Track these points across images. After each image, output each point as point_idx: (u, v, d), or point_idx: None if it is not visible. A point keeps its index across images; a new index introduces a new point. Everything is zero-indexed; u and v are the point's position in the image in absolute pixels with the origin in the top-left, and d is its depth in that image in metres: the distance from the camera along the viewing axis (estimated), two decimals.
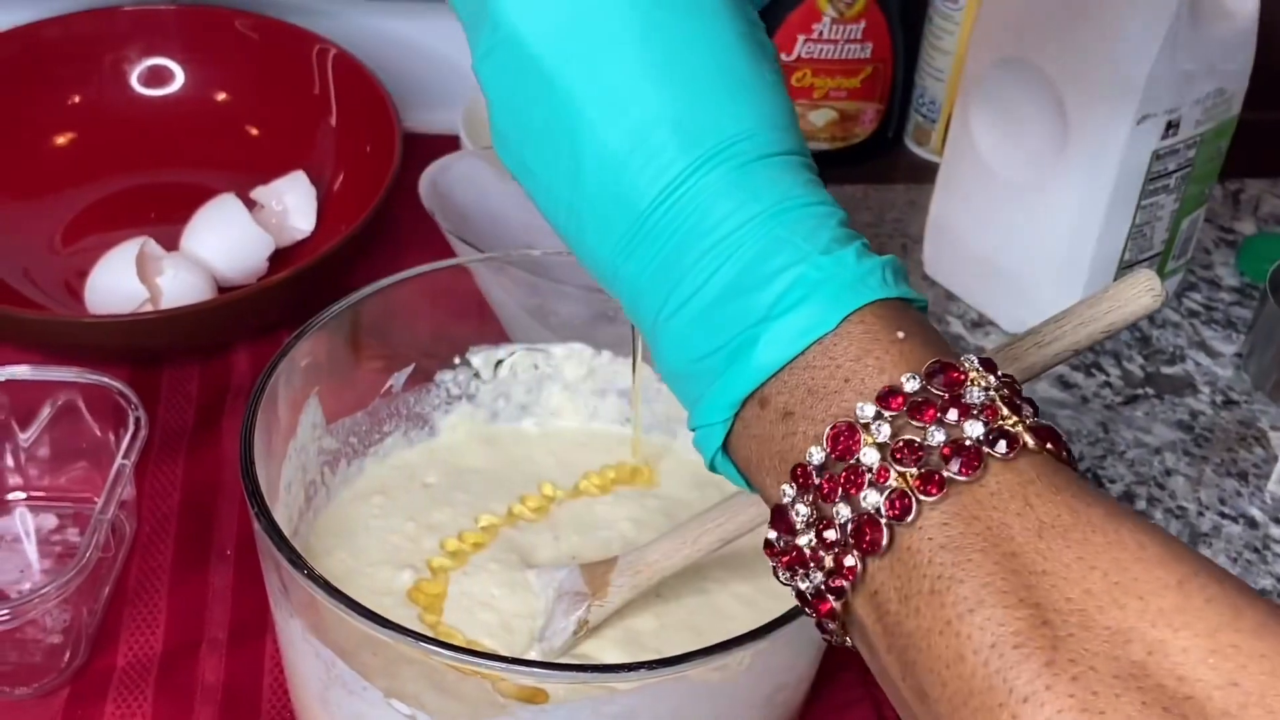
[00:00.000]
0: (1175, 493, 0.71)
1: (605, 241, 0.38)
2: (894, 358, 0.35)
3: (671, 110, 0.37)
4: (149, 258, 0.76)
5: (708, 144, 0.37)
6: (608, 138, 0.37)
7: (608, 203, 0.38)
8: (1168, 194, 0.75)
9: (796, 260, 0.36)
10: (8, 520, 0.67)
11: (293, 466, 0.57)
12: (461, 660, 0.46)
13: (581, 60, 0.37)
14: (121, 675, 0.60)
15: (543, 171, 0.39)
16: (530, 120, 0.39)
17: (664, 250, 0.37)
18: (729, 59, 0.38)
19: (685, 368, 0.38)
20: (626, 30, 0.37)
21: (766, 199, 0.36)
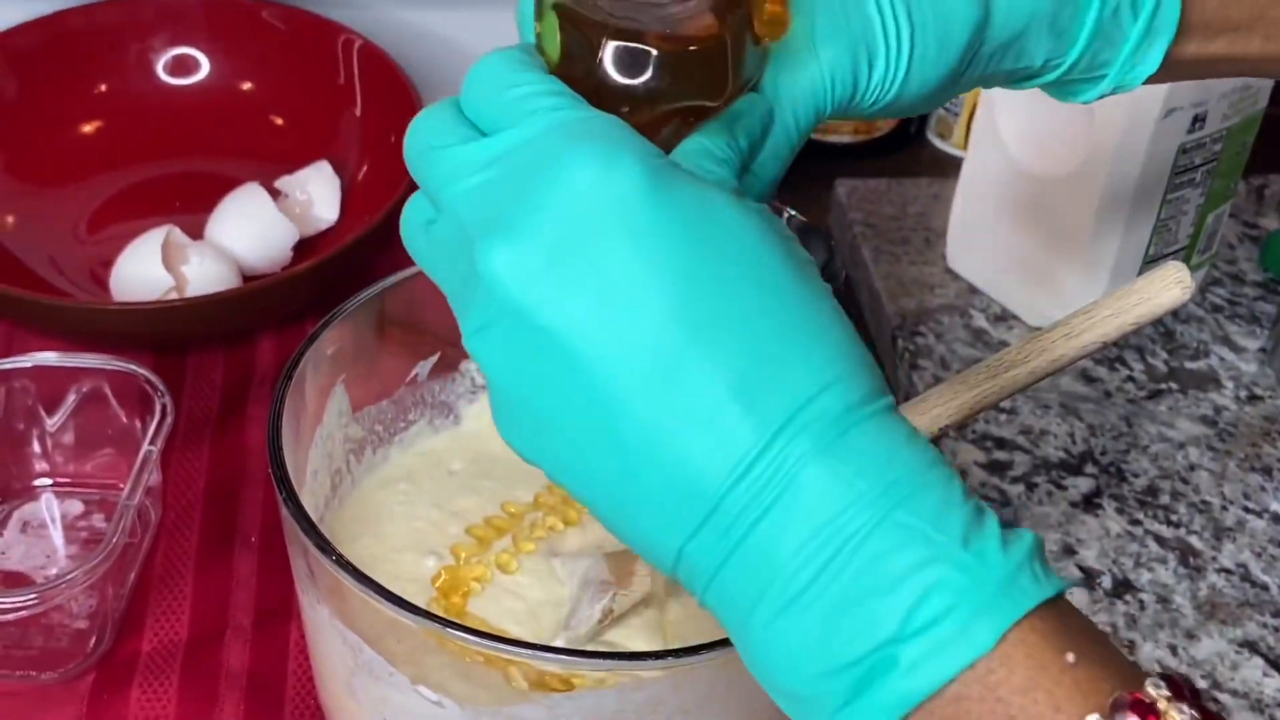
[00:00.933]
0: (1199, 487, 0.70)
1: (663, 529, 0.32)
2: (1067, 690, 0.29)
3: (731, 372, 0.31)
4: (174, 246, 0.76)
5: (783, 406, 0.31)
6: (654, 416, 0.31)
7: (663, 487, 0.32)
8: (1193, 188, 0.75)
9: (930, 557, 0.30)
10: (34, 506, 0.67)
11: (319, 454, 0.57)
12: (487, 646, 0.46)
13: (608, 329, 0.32)
14: (147, 661, 0.60)
15: (570, 454, 0.33)
16: (548, 402, 0.33)
17: (747, 540, 0.31)
18: (788, 302, 0.32)
19: (798, 687, 0.32)
20: (660, 287, 0.32)
21: (872, 470, 0.31)
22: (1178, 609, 0.64)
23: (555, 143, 0.34)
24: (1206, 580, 0.66)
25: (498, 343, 0.34)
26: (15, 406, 0.67)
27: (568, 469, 0.34)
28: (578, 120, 0.34)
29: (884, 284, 0.83)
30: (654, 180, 0.33)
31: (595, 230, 0.32)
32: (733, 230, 0.33)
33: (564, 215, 0.32)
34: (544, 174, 0.33)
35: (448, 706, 0.48)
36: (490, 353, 0.34)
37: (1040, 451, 0.72)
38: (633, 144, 0.34)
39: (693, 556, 0.32)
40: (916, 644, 0.30)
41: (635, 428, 0.32)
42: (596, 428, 0.32)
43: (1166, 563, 0.66)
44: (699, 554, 0.32)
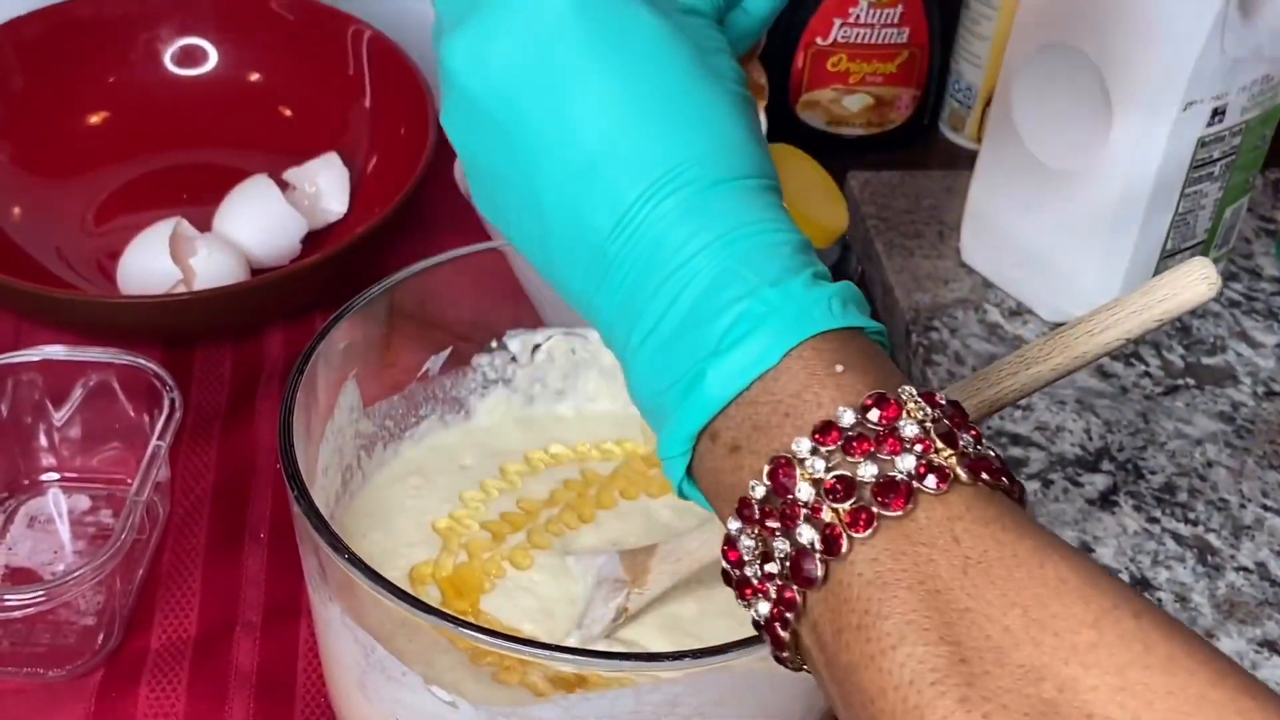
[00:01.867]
0: (1217, 485, 0.70)
1: (575, 275, 0.39)
2: (832, 392, 0.35)
3: (620, 141, 0.37)
4: (182, 238, 0.76)
5: (657, 171, 0.37)
6: (562, 177, 0.38)
7: (571, 238, 0.39)
8: (1212, 182, 0.74)
9: (744, 293, 0.36)
10: (41, 501, 0.66)
11: (329, 449, 0.57)
12: (500, 646, 0.45)
13: (529, 105, 0.38)
14: (155, 658, 0.60)
15: (513, 214, 0.40)
16: (495, 167, 0.40)
17: (626, 281, 0.38)
18: (676, 85, 0.38)
19: (649, 400, 0.39)
20: (570, 71, 0.38)
21: (718, 226, 0.37)
22: (1196, 608, 0.64)
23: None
24: (1225, 579, 0.65)
25: (458, 120, 0.40)
26: (22, 400, 0.66)
27: (515, 230, 0.41)
28: None
29: (897, 278, 0.82)
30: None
31: (528, 27, 0.38)
32: (646, 38, 0.38)
33: (506, 20, 0.39)
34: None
35: (461, 707, 0.47)
36: (453, 129, 0.41)
37: (1056, 448, 0.71)
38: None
39: (599, 304, 0.39)
40: (720, 360, 0.36)
41: (552, 192, 0.38)
42: (528, 193, 0.39)
43: (1185, 561, 0.66)
44: (601, 302, 0.39)
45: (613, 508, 0.60)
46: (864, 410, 0.34)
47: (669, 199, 0.37)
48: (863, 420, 0.34)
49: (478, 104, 0.39)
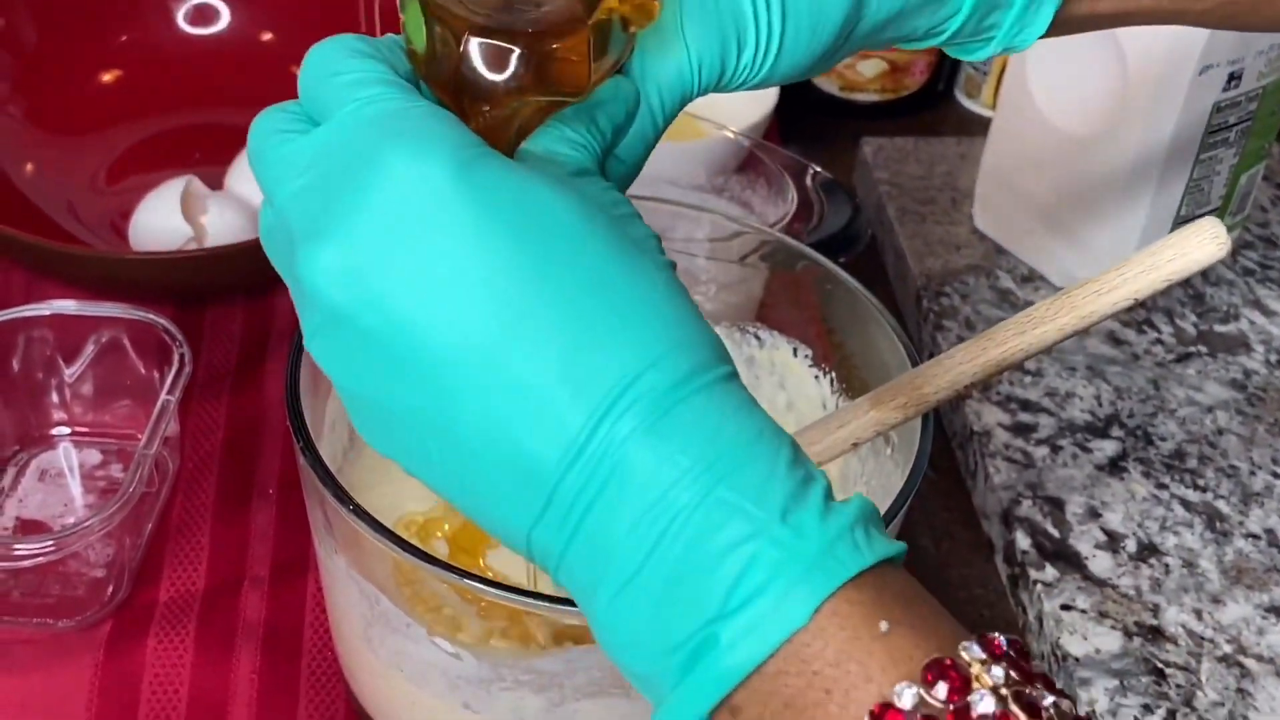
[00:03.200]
0: (1227, 452, 0.70)
1: (511, 515, 0.32)
2: (880, 660, 0.29)
3: (556, 357, 0.31)
4: (193, 196, 0.76)
5: (606, 383, 0.31)
6: (483, 406, 0.31)
7: (505, 475, 0.31)
8: (1227, 147, 0.74)
9: (750, 533, 0.30)
10: (52, 455, 0.67)
11: (336, 404, 0.57)
12: (504, 598, 0.45)
13: (425, 321, 0.31)
14: (164, 610, 0.60)
15: (418, 449, 0.33)
16: (387, 400, 0.32)
17: (585, 523, 0.31)
18: (604, 271, 0.32)
19: (639, 666, 0.32)
20: (476, 278, 0.31)
21: (695, 446, 0.30)
22: (1203, 573, 0.63)
23: (368, 138, 0.33)
24: (1233, 545, 0.65)
25: (329, 347, 0.33)
26: (34, 356, 0.66)
27: (418, 462, 0.33)
28: (393, 113, 0.33)
29: (909, 244, 0.82)
30: (465, 171, 0.32)
31: (407, 227, 0.32)
32: (551, 213, 0.32)
33: (375, 215, 0.32)
34: (356, 173, 0.32)
35: (465, 658, 0.48)
36: (325, 356, 0.34)
37: (1066, 414, 0.71)
38: (446, 135, 0.33)
39: (539, 540, 0.32)
40: (735, 621, 0.30)
41: (470, 420, 0.31)
42: (435, 422, 0.32)
43: (1193, 527, 0.66)
44: (544, 538, 0.32)
45: None
46: (925, 682, 0.29)
47: (627, 416, 0.30)
48: (926, 698, 0.29)
49: (355, 325, 0.32)
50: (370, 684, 0.53)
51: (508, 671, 0.47)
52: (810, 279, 0.60)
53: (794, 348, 0.62)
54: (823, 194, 0.73)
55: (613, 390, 0.31)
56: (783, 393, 0.63)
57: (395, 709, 0.53)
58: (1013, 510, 0.66)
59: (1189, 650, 0.60)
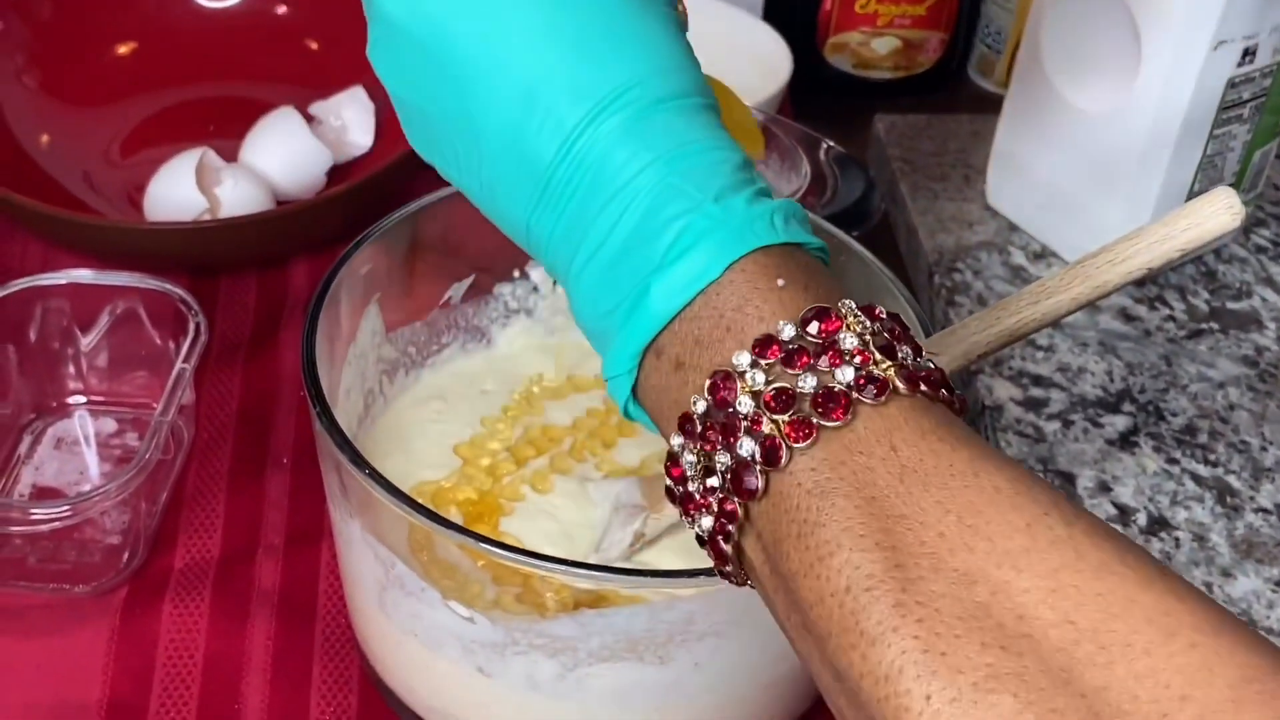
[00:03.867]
0: (1239, 427, 0.70)
1: (515, 205, 0.39)
2: (773, 306, 0.35)
3: (558, 67, 0.37)
4: (208, 168, 0.76)
5: (597, 95, 0.37)
6: (500, 105, 0.38)
7: (512, 167, 0.38)
8: (1241, 124, 0.74)
9: (688, 209, 0.36)
10: (67, 423, 0.67)
11: (352, 373, 0.57)
12: (519, 561, 0.45)
13: (462, 33, 0.38)
14: (179, 577, 0.60)
15: (449, 148, 0.40)
16: (427, 100, 0.39)
17: (569, 206, 0.38)
18: (612, 8, 0.38)
19: (595, 322, 0.39)
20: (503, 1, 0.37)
21: (660, 146, 0.37)
22: (1214, 547, 0.64)
23: None
24: (1244, 519, 0.65)
25: (386, 54, 0.40)
26: (50, 325, 0.66)
27: (449, 161, 0.41)
28: None
29: (922, 220, 0.82)
30: None
31: None
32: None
33: None
34: None
35: (479, 622, 0.48)
36: (381, 64, 0.40)
37: (1077, 389, 0.71)
38: None
39: (535, 225, 0.39)
40: (665, 276, 0.36)
41: (487, 116, 0.38)
42: (463, 125, 0.39)
43: (1204, 501, 0.66)
44: (540, 222, 0.39)
45: (635, 435, 0.60)
46: (804, 324, 0.34)
47: (610, 120, 0.37)
48: (803, 334, 0.34)
49: (407, 35, 0.39)
50: (384, 649, 0.54)
51: (521, 636, 0.48)
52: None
53: None
54: (836, 168, 0.73)
55: (604, 99, 0.37)
56: None
57: (409, 674, 0.53)
58: None
59: None
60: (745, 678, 0.51)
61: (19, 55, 0.82)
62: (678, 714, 0.51)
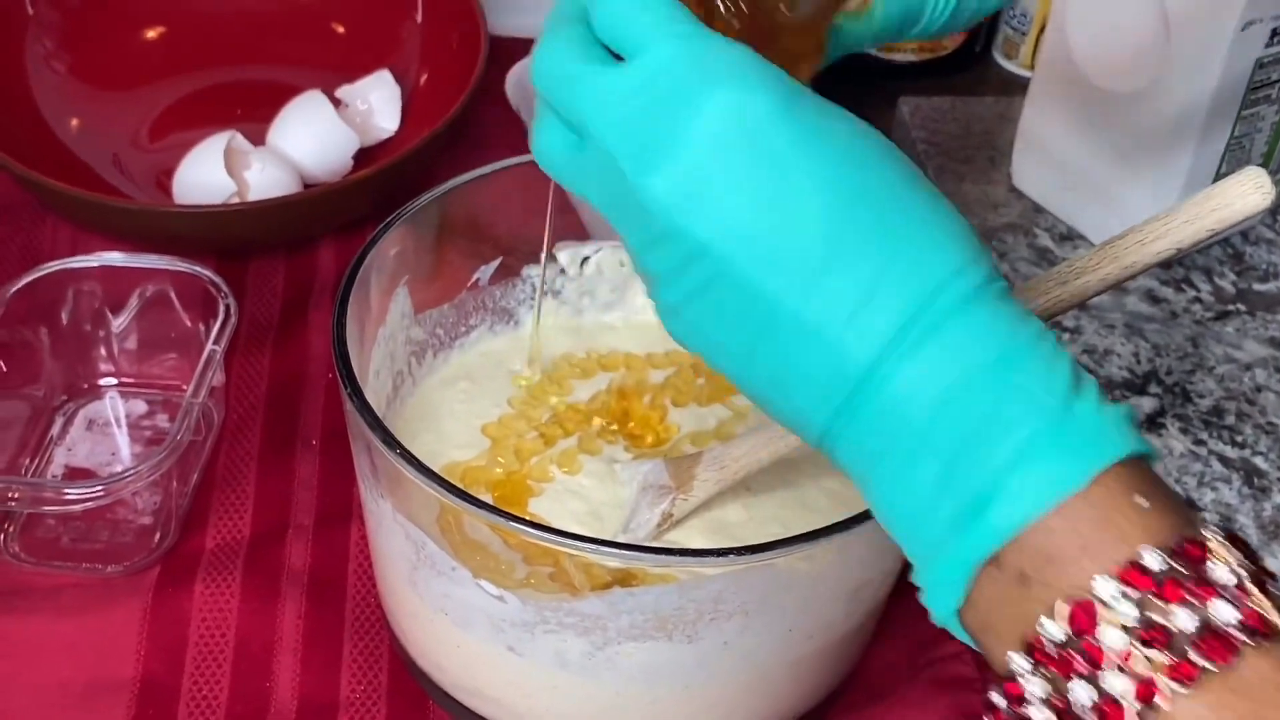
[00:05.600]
0: (1266, 409, 0.70)
1: (819, 408, 0.37)
2: (1136, 527, 0.33)
3: (873, 266, 0.36)
4: (236, 152, 0.76)
5: (918, 293, 0.35)
6: (808, 311, 0.36)
7: (818, 372, 0.36)
8: (1269, 105, 0.74)
9: (1033, 412, 0.34)
10: (99, 405, 0.68)
11: (381, 354, 0.58)
12: (547, 540, 0.46)
13: (760, 240, 0.36)
14: (210, 557, 0.61)
15: (734, 346, 0.38)
16: (710, 305, 0.37)
17: (888, 410, 0.36)
18: (913, 201, 0.37)
19: (911, 524, 0.36)
20: (803, 197, 0.36)
21: (992, 342, 0.35)
22: (1241, 529, 0.64)
23: (693, 71, 0.37)
24: (1271, 501, 0.65)
25: (663, 258, 0.38)
26: (82, 309, 0.67)
27: (727, 359, 0.39)
28: (711, 48, 0.38)
29: None
30: (787, 103, 0.37)
31: (735, 154, 0.36)
32: (856, 143, 0.37)
33: (706, 143, 0.37)
34: (686, 102, 0.37)
35: (509, 600, 0.48)
36: (657, 266, 0.38)
37: (1104, 371, 0.71)
38: (763, 71, 0.38)
39: (837, 426, 0.37)
40: (1014, 484, 0.34)
41: (791, 322, 0.36)
42: (756, 326, 0.37)
43: (1230, 483, 0.66)
44: (843, 426, 0.37)
45: (661, 421, 0.60)
46: (1174, 552, 0.32)
47: (934, 320, 0.35)
48: (1172, 563, 0.32)
49: (689, 238, 0.37)
50: (414, 628, 0.54)
51: (551, 614, 0.48)
52: None
53: None
54: None
55: (922, 294, 0.35)
56: None
57: (439, 652, 0.54)
58: None
59: None
60: (774, 656, 0.51)
61: (48, 40, 0.83)
62: (707, 692, 0.51)
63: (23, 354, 0.65)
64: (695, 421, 0.60)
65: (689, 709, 0.52)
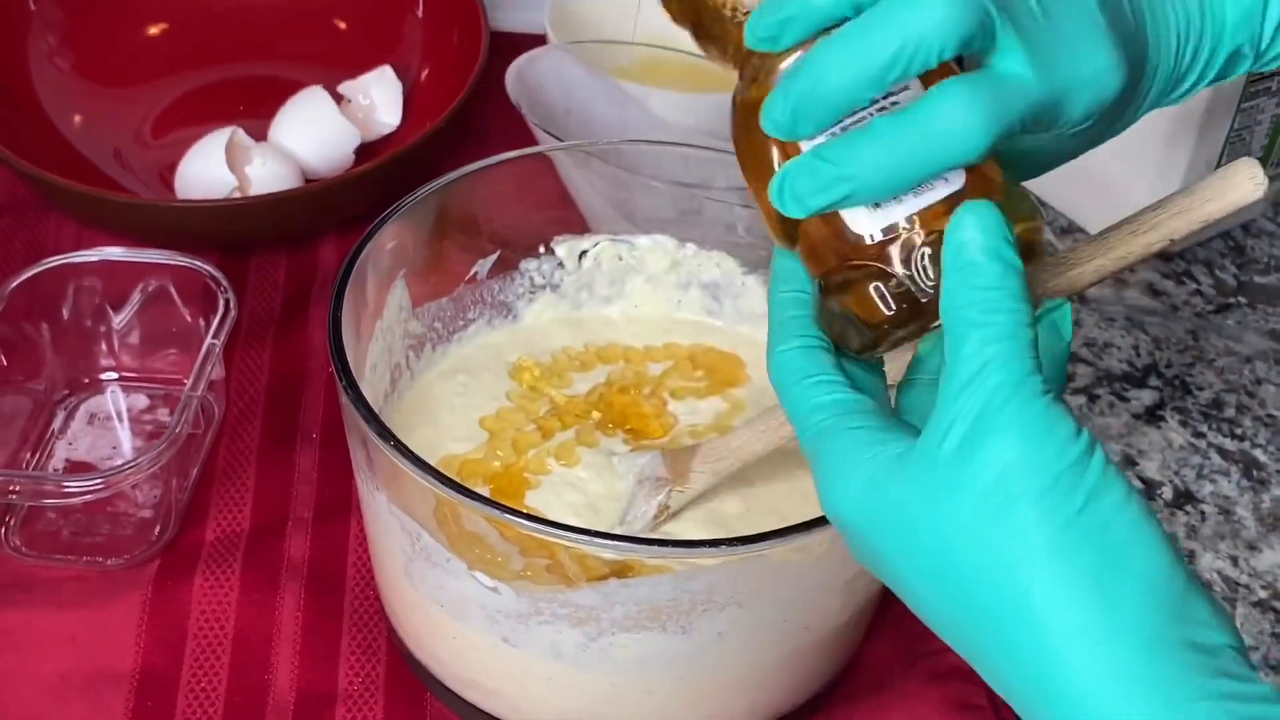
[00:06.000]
0: (1265, 401, 0.69)
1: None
2: None
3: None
4: (238, 147, 0.77)
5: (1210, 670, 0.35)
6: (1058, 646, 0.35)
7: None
8: (1269, 97, 0.73)
9: None
10: (100, 399, 0.68)
11: (379, 347, 0.58)
12: (542, 532, 0.46)
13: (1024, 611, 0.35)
14: (210, 550, 0.61)
15: (974, 636, 0.37)
16: (957, 598, 0.37)
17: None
18: (1177, 583, 0.35)
19: None
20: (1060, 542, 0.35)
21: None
22: (1239, 520, 0.64)
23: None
24: (1270, 493, 0.65)
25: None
26: (83, 305, 0.67)
27: (965, 640, 0.38)
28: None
29: None
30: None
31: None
32: (1124, 521, 0.35)
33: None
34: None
35: (504, 592, 0.49)
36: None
37: (1104, 364, 0.71)
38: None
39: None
40: None
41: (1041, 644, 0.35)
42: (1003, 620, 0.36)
43: (1229, 475, 0.66)
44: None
45: (659, 417, 0.60)
46: None
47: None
48: None
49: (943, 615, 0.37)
50: (411, 619, 0.55)
51: (545, 606, 0.48)
52: None
53: None
54: None
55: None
56: None
57: (436, 644, 0.54)
58: None
59: (1224, 596, 0.60)
60: (769, 648, 0.51)
61: (51, 37, 0.83)
62: (702, 683, 0.51)
63: (24, 348, 0.65)
64: (693, 414, 0.60)
65: (684, 700, 0.52)
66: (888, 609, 0.59)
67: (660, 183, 0.64)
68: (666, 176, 0.64)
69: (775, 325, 0.43)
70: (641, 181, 0.64)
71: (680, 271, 0.65)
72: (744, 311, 0.65)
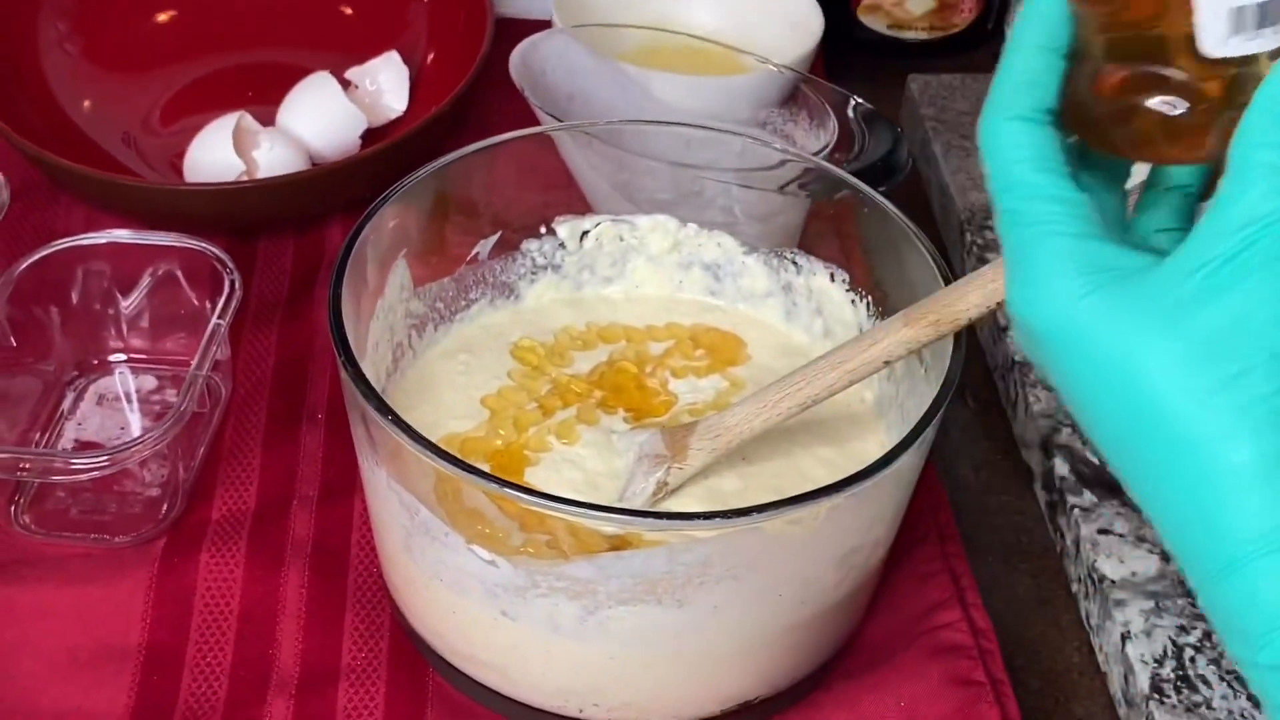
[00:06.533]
0: None
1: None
2: None
3: None
4: (245, 132, 0.77)
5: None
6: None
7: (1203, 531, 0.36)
8: None
9: None
10: (109, 380, 0.69)
11: (380, 326, 0.58)
12: (541, 505, 0.46)
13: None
14: (216, 528, 0.62)
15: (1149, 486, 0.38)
16: (1139, 431, 0.37)
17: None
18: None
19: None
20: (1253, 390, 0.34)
21: None
22: None
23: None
24: None
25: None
26: (92, 288, 0.68)
27: (1146, 494, 0.38)
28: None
29: (954, 179, 0.82)
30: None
31: None
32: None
33: None
34: None
35: (501, 565, 0.49)
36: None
37: None
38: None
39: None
40: None
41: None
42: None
43: None
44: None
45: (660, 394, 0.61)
46: None
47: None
48: None
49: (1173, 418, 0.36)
50: (412, 594, 0.55)
51: (542, 579, 0.49)
52: (849, 206, 0.61)
53: (831, 273, 0.63)
54: (864, 124, 0.73)
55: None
56: (819, 319, 0.64)
57: (436, 619, 0.54)
58: (1052, 438, 0.66)
59: None
60: (765, 622, 0.51)
61: (61, 22, 0.84)
62: (699, 657, 0.52)
63: (34, 330, 0.66)
64: (694, 393, 0.60)
65: (682, 673, 0.52)
66: (887, 586, 0.59)
67: (662, 164, 0.64)
68: (668, 157, 0.64)
69: (1007, 81, 0.40)
70: (643, 162, 0.64)
71: (681, 251, 0.65)
72: (745, 291, 0.65)
